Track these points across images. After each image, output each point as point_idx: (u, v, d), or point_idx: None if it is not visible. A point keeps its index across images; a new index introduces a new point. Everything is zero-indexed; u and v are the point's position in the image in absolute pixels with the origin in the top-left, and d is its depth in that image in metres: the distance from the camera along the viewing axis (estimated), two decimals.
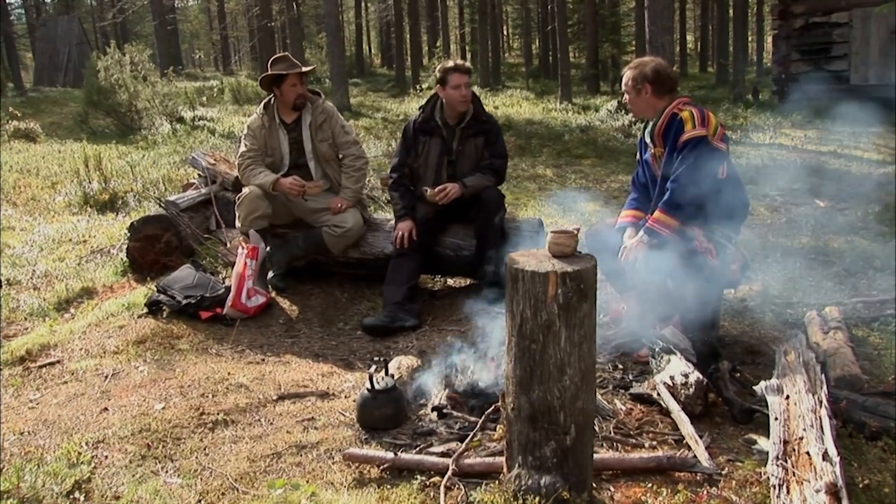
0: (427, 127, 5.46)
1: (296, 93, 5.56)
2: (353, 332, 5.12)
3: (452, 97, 5.32)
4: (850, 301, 5.15)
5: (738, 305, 5.12)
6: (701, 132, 4.03)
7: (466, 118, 5.42)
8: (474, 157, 5.46)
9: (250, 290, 5.18)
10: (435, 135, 5.44)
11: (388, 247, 5.59)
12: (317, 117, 5.67)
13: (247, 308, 5.15)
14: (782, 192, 8.51)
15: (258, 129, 5.65)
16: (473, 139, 5.44)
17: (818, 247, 6.45)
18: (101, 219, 8.19)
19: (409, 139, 5.51)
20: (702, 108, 4.18)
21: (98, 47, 31.58)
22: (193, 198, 6.51)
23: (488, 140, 5.47)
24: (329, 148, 5.70)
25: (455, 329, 4.90)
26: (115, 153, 12.71)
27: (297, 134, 5.68)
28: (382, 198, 8.24)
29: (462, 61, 5.53)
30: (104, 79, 15.91)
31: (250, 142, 5.65)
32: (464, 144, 5.43)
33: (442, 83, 5.36)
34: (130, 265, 6.10)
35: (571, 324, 2.65)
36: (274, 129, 5.66)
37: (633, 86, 4.31)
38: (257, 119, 5.69)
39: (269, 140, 5.66)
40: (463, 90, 5.30)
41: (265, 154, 5.67)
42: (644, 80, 4.26)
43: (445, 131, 5.43)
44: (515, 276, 2.68)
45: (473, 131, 5.44)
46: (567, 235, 2.76)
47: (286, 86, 5.54)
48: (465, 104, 5.36)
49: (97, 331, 4.90)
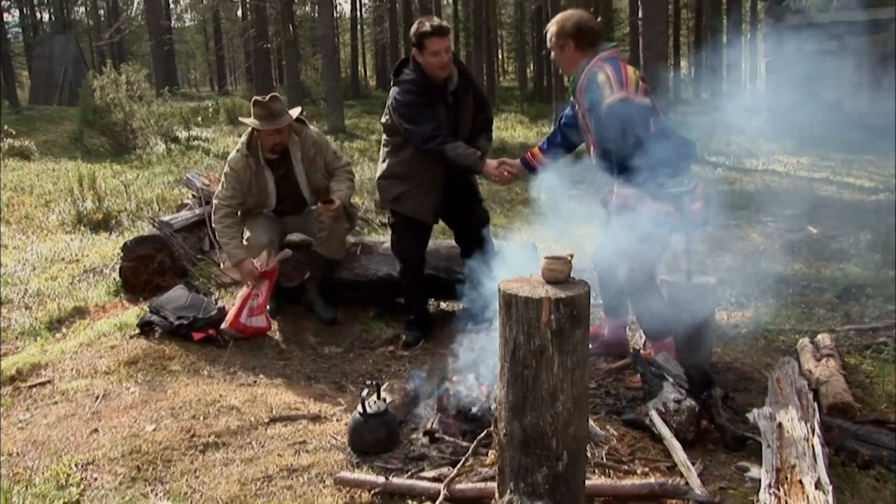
0: (430, 93, 4.87)
1: (272, 141, 5.31)
2: (346, 354, 5.11)
3: (431, 63, 4.79)
4: (843, 328, 5.17)
5: (731, 332, 5.13)
6: (620, 95, 3.93)
7: (455, 79, 4.96)
8: (469, 118, 5.08)
9: (256, 308, 5.15)
10: (437, 101, 4.90)
11: (382, 269, 5.60)
12: (307, 150, 5.46)
13: (245, 328, 5.13)
14: (775, 219, 8.55)
15: (242, 170, 5.34)
16: (465, 98, 5.05)
17: (811, 273, 6.47)
18: (94, 238, 8.18)
19: (422, 102, 4.83)
20: (618, 63, 4.05)
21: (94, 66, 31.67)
22: (187, 218, 6.52)
23: (476, 97, 5.17)
24: (322, 177, 5.56)
25: (448, 353, 4.88)
26: (109, 172, 12.70)
27: (285, 170, 5.44)
28: (376, 220, 8.26)
29: (439, 22, 4.90)
30: (100, 98, 15.91)
31: (232, 185, 5.35)
32: (460, 106, 5.01)
33: (418, 47, 4.83)
34: (123, 285, 6.08)
35: (564, 350, 2.65)
36: (260, 171, 5.37)
37: (557, 42, 4.18)
38: (241, 160, 5.34)
39: (255, 183, 5.39)
40: (443, 56, 4.77)
41: (249, 194, 5.41)
42: (566, 35, 4.13)
43: (444, 95, 4.93)
44: (509, 302, 2.68)
45: (465, 91, 5.03)
46: (561, 261, 2.76)
47: (263, 134, 5.27)
48: (444, 70, 4.84)
49: (89, 351, 4.88)
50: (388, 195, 5.12)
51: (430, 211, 5.11)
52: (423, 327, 5.32)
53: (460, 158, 4.72)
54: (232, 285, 5.92)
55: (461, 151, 4.72)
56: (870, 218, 8.33)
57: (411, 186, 5.02)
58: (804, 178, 11.79)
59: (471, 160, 4.72)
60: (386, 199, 5.17)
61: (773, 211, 8.89)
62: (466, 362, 4.01)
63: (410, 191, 5.03)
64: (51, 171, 13.39)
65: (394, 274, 5.57)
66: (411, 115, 4.81)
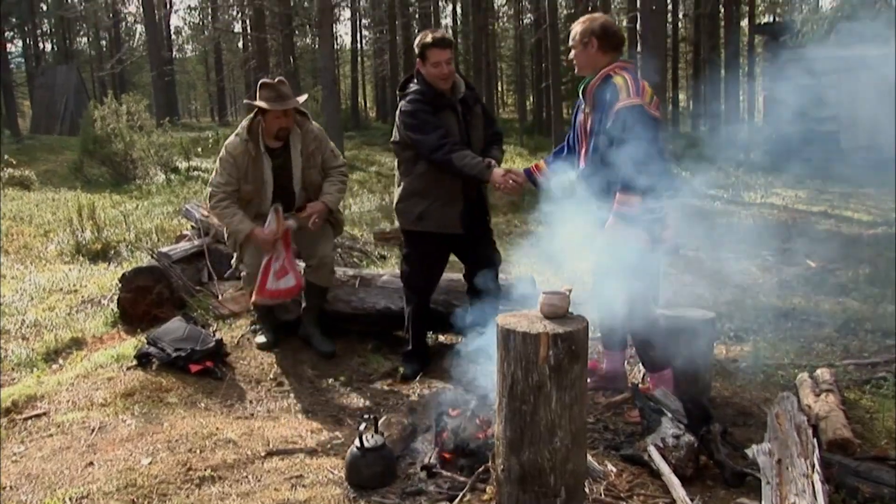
0: (438, 103, 4.87)
1: (279, 125, 5.19)
2: (344, 387, 5.09)
3: (432, 74, 4.82)
4: (842, 363, 5.16)
5: (730, 366, 5.12)
6: (636, 100, 3.96)
7: (462, 88, 4.99)
8: (481, 127, 5.06)
9: (279, 270, 5.09)
10: (445, 109, 4.90)
11: (380, 302, 5.59)
12: (308, 144, 5.37)
13: (275, 292, 5.10)
14: (773, 252, 8.56)
15: (241, 155, 5.20)
16: (475, 108, 5.05)
17: (809, 307, 6.47)
18: (92, 268, 8.18)
19: (429, 111, 4.83)
20: (637, 75, 4.10)
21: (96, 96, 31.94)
22: (186, 249, 6.52)
23: (485, 111, 5.21)
24: (317, 175, 5.45)
25: (446, 387, 4.87)
26: (108, 202, 12.75)
27: (284, 160, 5.32)
28: (375, 252, 8.27)
29: (442, 33, 4.96)
30: (100, 128, 16.02)
31: (228, 171, 5.21)
32: (470, 114, 5.00)
33: (421, 58, 4.86)
34: (121, 316, 6.08)
35: (563, 385, 2.65)
36: (259, 157, 5.23)
37: (581, 39, 4.20)
38: (240, 144, 5.22)
39: (252, 169, 5.23)
40: (444, 67, 4.79)
41: (245, 182, 5.25)
42: (591, 34, 4.16)
43: (451, 103, 4.92)
44: (507, 337, 2.68)
45: (472, 101, 5.05)
46: (559, 297, 2.77)
47: (270, 116, 5.17)
48: (446, 82, 4.86)
49: (85, 382, 4.86)
50: (411, 216, 5.02)
51: (457, 222, 4.97)
52: (422, 360, 5.30)
53: (468, 168, 4.68)
54: (230, 317, 5.92)
55: (469, 161, 4.69)
56: (868, 252, 8.35)
57: (432, 201, 4.93)
58: (802, 211, 11.83)
59: (478, 169, 4.69)
60: (409, 220, 5.05)
61: (772, 244, 8.91)
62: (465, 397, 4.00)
63: (432, 206, 4.94)
64: (50, 200, 13.43)
65: (392, 307, 5.58)
66: (417, 125, 4.80)
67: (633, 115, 3.94)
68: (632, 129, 3.91)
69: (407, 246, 5.23)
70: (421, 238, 5.05)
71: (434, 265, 5.19)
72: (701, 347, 4.38)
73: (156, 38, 33.03)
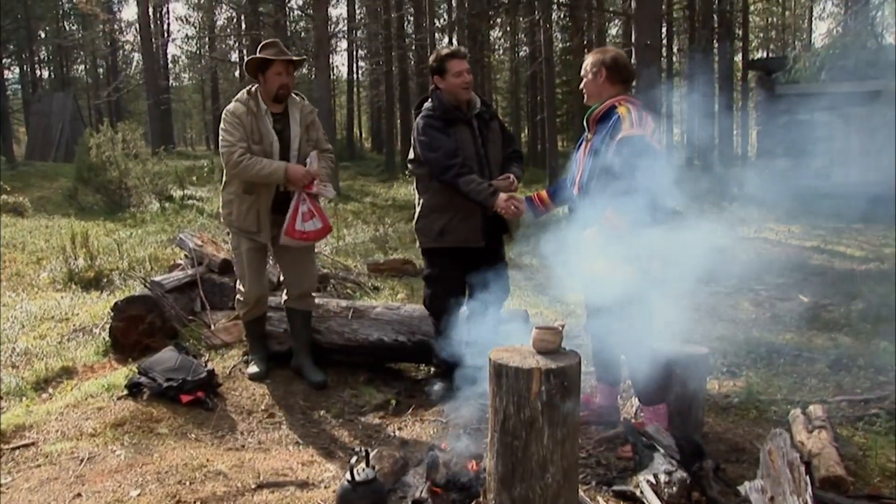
0: (452, 116, 4.92)
1: (280, 82, 5.13)
2: (336, 419, 5.06)
3: (454, 85, 4.90)
4: (835, 399, 5.16)
5: (723, 401, 5.11)
6: (639, 131, 4.01)
7: (478, 103, 5.06)
8: (499, 142, 5.12)
9: (307, 213, 5.08)
10: (459, 124, 4.94)
11: (373, 334, 5.59)
12: (305, 117, 5.32)
13: (303, 234, 5.09)
14: (766, 287, 8.58)
15: (244, 114, 5.11)
16: (491, 123, 5.12)
17: (802, 343, 6.48)
18: (85, 296, 8.16)
19: (441, 128, 4.88)
20: (641, 108, 4.17)
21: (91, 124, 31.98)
22: (179, 279, 6.52)
23: (503, 129, 5.26)
24: (310, 151, 5.34)
25: (438, 420, 4.86)
26: (102, 230, 12.75)
27: (283, 127, 5.23)
28: (368, 284, 8.26)
29: (458, 46, 5.07)
30: (95, 155, 16.05)
31: (235, 127, 5.08)
32: (487, 130, 5.06)
33: (439, 72, 4.94)
34: (112, 345, 6.06)
35: (554, 421, 2.65)
36: (261, 116, 5.14)
37: (591, 69, 4.33)
38: (241, 106, 5.14)
39: (257, 126, 5.12)
40: (465, 76, 4.89)
41: (251, 141, 5.11)
42: (602, 64, 4.29)
43: (466, 118, 4.98)
44: (499, 372, 2.68)
45: (489, 115, 5.12)
46: (552, 332, 2.78)
47: (271, 73, 5.11)
48: (467, 91, 4.95)
49: (75, 412, 4.84)
50: (432, 233, 5.02)
51: (478, 235, 4.97)
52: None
53: (473, 194, 4.73)
54: (222, 347, 5.90)
55: (474, 187, 4.73)
56: (861, 287, 8.37)
57: (452, 215, 4.95)
58: (795, 246, 11.87)
59: (483, 196, 4.72)
60: (430, 237, 5.04)
61: (765, 279, 8.93)
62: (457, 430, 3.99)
63: (453, 220, 4.96)
64: (44, 227, 13.42)
65: (385, 339, 5.57)
66: (427, 142, 4.87)
67: (635, 146, 3.98)
68: (634, 159, 3.94)
69: (428, 266, 5.21)
70: (442, 255, 5.05)
71: (457, 285, 5.10)
72: (694, 383, 4.38)
73: (152, 66, 33.23)
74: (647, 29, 13.65)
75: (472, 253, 4.97)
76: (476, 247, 4.98)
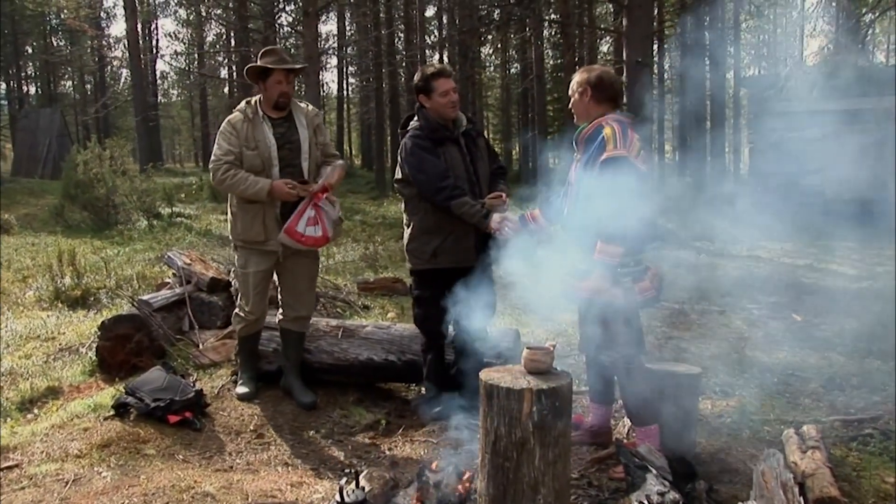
0: (440, 135, 4.96)
1: (280, 90, 5.16)
2: (325, 440, 5.05)
3: (441, 105, 4.93)
4: (828, 419, 5.16)
5: (715, 422, 5.12)
6: (621, 152, 4.00)
7: (463, 121, 5.08)
8: (486, 159, 5.16)
9: (311, 219, 5.06)
10: (447, 142, 4.98)
11: (363, 353, 5.59)
12: (311, 119, 5.34)
13: (302, 237, 5.07)
14: (759, 306, 8.60)
15: (240, 122, 5.15)
16: (478, 140, 5.17)
17: (795, 362, 6.49)
18: (71, 315, 8.13)
19: (429, 148, 4.91)
20: (627, 126, 4.15)
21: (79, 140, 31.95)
22: (167, 297, 6.51)
23: (486, 141, 5.29)
24: (320, 156, 5.38)
25: (428, 440, 4.86)
26: (89, 248, 12.72)
27: (287, 130, 5.24)
28: (358, 303, 8.27)
29: (442, 64, 5.17)
30: (83, 172, 16.00)
31: (228, 140, 5.12)
32: (474, 147, 5.09)
33: (425, 92, 4.96)
34: (99, 364, 6.04)
35: (546, 442, 2.65)
36: (258, 122, 5.15)
37: (577, 88, 4.34)
38: (238, 114, 5.21)
39: (252, 133, 5.13)
40: (452, 95, 4.91)
41: (246, 148, 5.12)
42: (587, 83, 4.28)
43: (453, 136, 5.01)
44: (490, 393, 2.69)
45: (475, 133, 5.15)
46: (543, 352, 2.78)
47: (271, 81, 5.14)
48: (454, 110, 4.97)
49: (60, 433, 4.81)
50: (425, 254, 5.02)
51: (472, 254, 4.98)
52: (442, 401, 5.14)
53: (466, 216, 4.77)
54: (211, 367, 5.89)
55: (467, 209, 4.76)
56: (854, 306, 8.40)
57: (445, 236, 4.96)
58: (788, 264, 11.92)
59: (477, 218, 4.76)
60: (423, 260, 5.05)
61: (758, 298, 8.96)
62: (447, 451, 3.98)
63: (446, 241, 4.96)
64: (30, 245, 13.38)
65: (375, 359, 5.57)
66: (416, 163, 4.90)
67: (617, 167, 3.98)
68: (615, 181, 3.95)
69: (418, 287, 5.20)
70: (435, 276, 5.05)
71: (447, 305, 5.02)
72: (686, 403, 4.39)
73: (141, 82, 33.22)
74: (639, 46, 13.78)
75: (462, 272, 4.97)
76: (468, 266, 4.99)
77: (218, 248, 12.64)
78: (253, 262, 5.31)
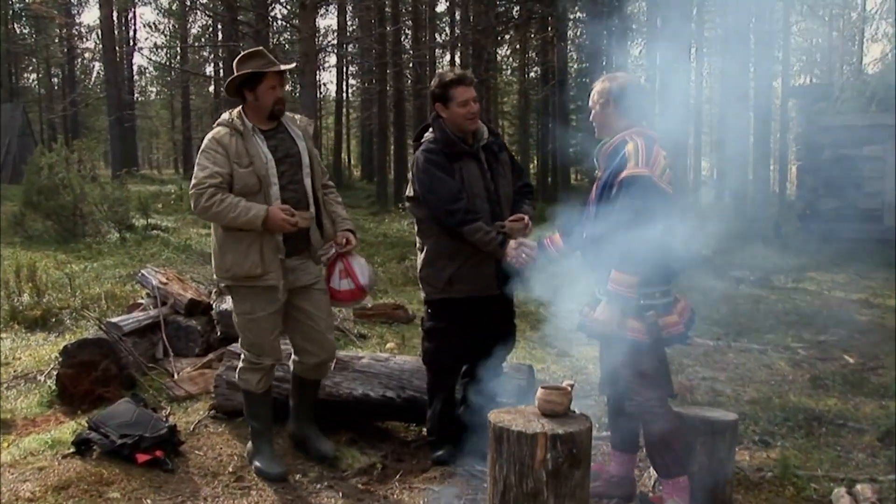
0: (457, 149, 4.89)
1: (275, 96, 4.81)
2: (313, 484, 5.04)
3: (459, 116, 4.85)
4: (886, 478, 5.12)
5: (754, 476, 5.09)
6: (643, 171, 3.99)
7: (485, 133, 5.01)
8: (509, 176, 5.10)
9: (342, 271, 5.02)
10: (465, 157, 4.91)
11: (358, 388, 5.59)
12: (305, 129, 5.06)
13: (338, 292, 5.05)
14: (806, 345, 8.58)
15: (226, 136, 4.73)
16: (500, 155, 5.08)
17: (847, 411, 6.45)
18: (29, 338, 8.14)
19: (443, 165, 4.84)
20: (653, 142, 4.14)
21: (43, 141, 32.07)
22: (139, 320, 6.53)
23: (510, 156, 5.25)
24: (320, 173, 5.13)
25: (429, 488, 4.85)
26: (52, 262, 12.76)
27: (280, 142, 4.91)
28: (354, 331, 8.28)
29: (464, 71, 5.04)
30: (47, 177, 16.05)
31: (213, 160, 4.69)
32: (496, 163, 5.02)
33: (443, 100, 4.87)
34: (59, 395, 6.04)
35: (561, 494, 2.66)
36: (249, 134, 4.76)
37: (598, 99, 4.33)
38: (223, 128, 4.78)
39: (245, 146, 4.74)
40: (472, 105, 4.84)
41: (238, 166, 4.70)
42: (609, 93, 4.28)
43: (472, 151, 4.95)
44: (500, 437, 2.69)
45: (497, 147, 5.08)
46: (559, 392, 2.79)
47: (263, 88, 4.78)
48: (474, 122, 4.91)
49: (11, 473, 4.80)
50: (440, 282, 4.95)
51: (492, 282, 4.91)
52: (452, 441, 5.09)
53: (480, 244, 4.72)
54: (186, 399, 5.90)
55: (481, 237, 4.70)
56: None
57: (463, 261, 4.89)
58: (840, 298, 11.89)
59: (492, 246, 4.71)
60: (437, 288, 4.98)
61: (804, 336, 8.94)
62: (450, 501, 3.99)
63: (464, 267, 4.90)
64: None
65: (371, 395, 5.57)
66: (429, 182, 4.83)
67: (638, 187, 3.99)
68: (634, 202, 3.96)
69: (431, 319, 5.12)
70: (450, 306, 4.99)
71: (462, 338, 5.02)
72: (721, 453, 4.38)
73: (115, 78, 33.47)
74: None
75: (482, 302, 4.96)
76: (488, 295, 4.96)
77: (198, 266, 12.68)
78: (260, 304, 4.89)
